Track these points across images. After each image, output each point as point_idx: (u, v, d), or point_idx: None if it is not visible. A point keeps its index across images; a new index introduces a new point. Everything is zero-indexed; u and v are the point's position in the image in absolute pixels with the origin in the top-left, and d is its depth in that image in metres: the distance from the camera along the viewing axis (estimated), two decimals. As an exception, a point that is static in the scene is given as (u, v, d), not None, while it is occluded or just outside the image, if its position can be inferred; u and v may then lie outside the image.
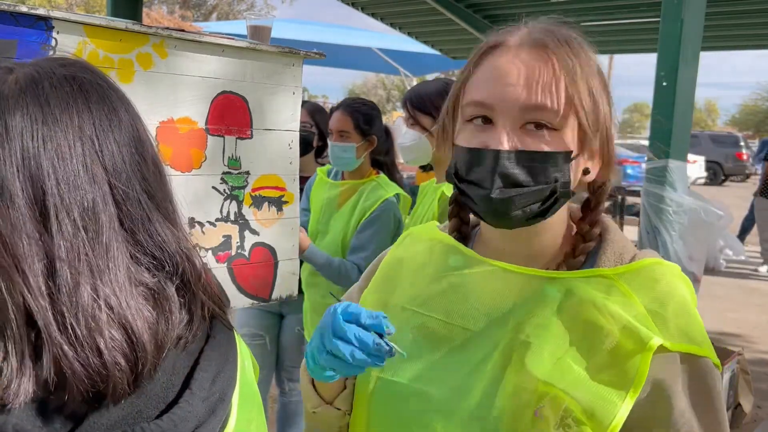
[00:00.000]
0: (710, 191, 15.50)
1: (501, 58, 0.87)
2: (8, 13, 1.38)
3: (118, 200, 0.66)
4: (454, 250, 0.99)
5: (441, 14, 5.60)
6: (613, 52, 8.82)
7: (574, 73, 0.85)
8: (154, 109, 1.63)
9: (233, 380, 0.73)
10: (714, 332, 5.09)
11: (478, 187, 0.87)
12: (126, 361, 0.62)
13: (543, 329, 0.86)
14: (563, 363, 0.84)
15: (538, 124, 0.85)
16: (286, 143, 1.92)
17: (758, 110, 45.23)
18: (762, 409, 3.90)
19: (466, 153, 0.89)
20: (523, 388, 0.84)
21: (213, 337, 0.72)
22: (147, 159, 0.70)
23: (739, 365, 3.25)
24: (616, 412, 0.80)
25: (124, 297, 0.63)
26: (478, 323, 0.91)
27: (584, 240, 0.95)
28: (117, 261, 0.64)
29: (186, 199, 1.72)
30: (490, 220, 0.90)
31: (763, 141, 11.88)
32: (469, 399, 0.87)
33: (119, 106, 0.70)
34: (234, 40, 1.76)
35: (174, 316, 0.66)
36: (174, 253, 0.69)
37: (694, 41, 2.51)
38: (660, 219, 2.52)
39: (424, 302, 0.97)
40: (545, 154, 0.85)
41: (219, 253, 1.80)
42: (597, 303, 0.86)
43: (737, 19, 5.18)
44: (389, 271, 1.04)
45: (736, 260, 7.61)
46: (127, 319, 0.62)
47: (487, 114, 0.87)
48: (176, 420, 0.64)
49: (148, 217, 0.68)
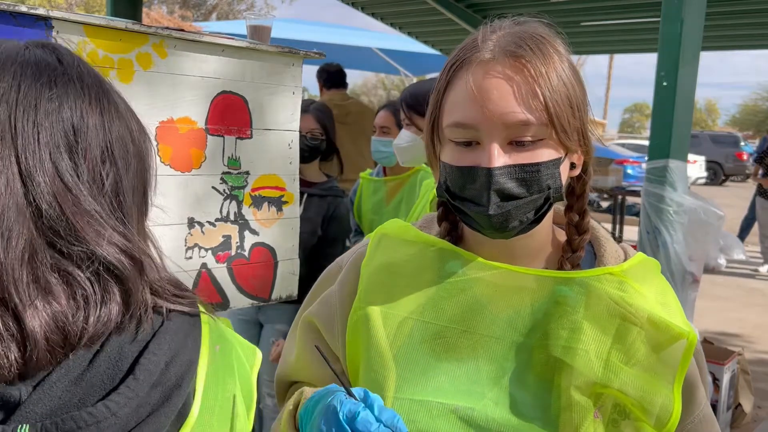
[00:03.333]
0: (710, 191, 15.50)
1: (475, 75, 0.85)
2: (8, 13, 1.38)
3: (26, 182, 0.63)
4: (452, 255, 0.95)
5: (441, 14, 5.60)
6: (613, 52, 8.82)
7: (549, 79, 0.84)
8: (153, 109, 1.63)
9: (192, 367, 0.70)
10: (714, 332, 5.09)
11: (473, 204, 0.86)
12: (14, 342, 0.59)
13: (579, 333, 0.87)
14: (611, 363, 0.86)
15: (524, 137, 0.85)
16: (286, 143, 1.92)
17: (758, 110, 45.20)
18: (762, 409, 3.90)
19: (456, 171, 0.88)
20: (580, 393, 0.85)
21: (165, 325, 0.69)
22: (82, 149, 0.66)
23: (739, 365, 3.24)
24: (671, 407, 0.85)
25: (14, 279, 0.60)
26: (500, 330, 0.90)
27: (578, 232, 0.96)
28: (11, 239, 0.61)
29: (186, 199, 1.72)
30: (490, 233, 0.89)
31: (765, 138, 11.84)
32: (519, 412, 0.86)
33: (63, 89, 0.67)
34: (234, 40, 1.76)
35: (96, 307, 0.64)
36: (94, 243, 0.65)
37: (694, 41, 2.51)
38: (660, 219, 2.52)
39: (435, 311, 0.92)
40: (536, 165, 0.85)
41: (219, 253, 1.80)
42: (617, 299, 0.87)
43: (737, 19, 5.18)
44: (379, 279, 0.96)
45: (736, 260, 7.61)
46: (17, 301, 0.60)
47: (471, 135, 0.86)
48: (112, 407, 0.61)
49: (62, 205, 0.64)
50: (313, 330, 1.04)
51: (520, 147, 0.85)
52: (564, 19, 1.27)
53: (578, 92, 0.88)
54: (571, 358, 0.85)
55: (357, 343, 0.95)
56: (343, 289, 1.00)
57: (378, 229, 1.02)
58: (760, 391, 3.94)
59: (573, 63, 0.90)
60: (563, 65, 0.87)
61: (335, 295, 1.01)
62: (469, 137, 0.86)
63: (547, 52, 0.86)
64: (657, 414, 0.85)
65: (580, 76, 0.90)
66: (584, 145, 0.91)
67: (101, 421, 0.61)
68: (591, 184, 0.98)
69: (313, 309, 1.04)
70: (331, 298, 1.02)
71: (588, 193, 0.97)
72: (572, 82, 0.87)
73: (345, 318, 0.97)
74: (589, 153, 0.93)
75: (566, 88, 0.86)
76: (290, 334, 1.11)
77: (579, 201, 0.97)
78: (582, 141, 0.90)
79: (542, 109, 0.83)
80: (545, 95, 0.83)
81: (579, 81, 0.89)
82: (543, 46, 0.86)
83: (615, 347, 0.86)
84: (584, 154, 0.93)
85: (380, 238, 1.01)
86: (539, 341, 0.88)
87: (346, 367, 0.98)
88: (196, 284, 1.75)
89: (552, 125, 0.84)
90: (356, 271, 0.99)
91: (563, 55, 0.88)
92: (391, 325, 0.92)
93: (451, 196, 0.90)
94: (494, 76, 0.84)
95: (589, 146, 0.92)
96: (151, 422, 0.64)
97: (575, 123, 0.87)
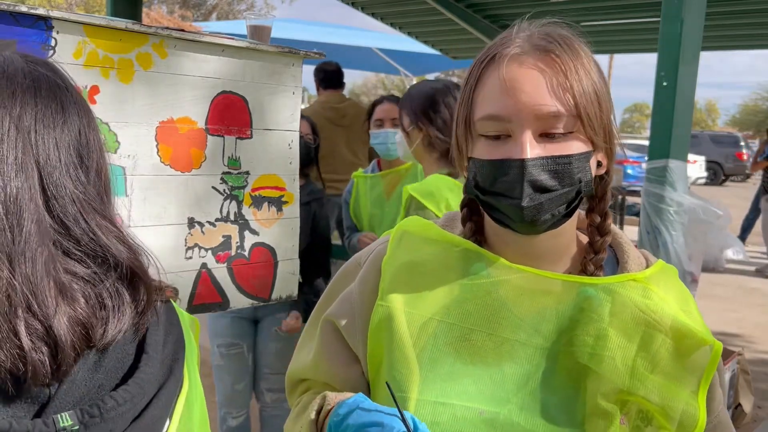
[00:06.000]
0: (710, 191, 15.49)
1: (508, 68, 0.86)
2: (8, 13, 1.38)
3: (49, 195, 0.67)
4: (477, 256, 0.94)
5: (441, 14, 5.59)
6: (613, 52, 8.83)
7: (579, 74, 0.86)
8: (153, 109, 1.63)
9: (182, 342, 0.78)
10: (715, 332, 5.06)
11: (506, 197, 0.87)
12: (47, 347, 0.63)
13: (605, 339, 0.87)
14: (637, 370, 0.86)
15: (555, 129, 0.85)
16: (286, 143, 1.92)
17: (758, 110, 45.18)
18: (762, 409, 3.90)
19: (488, 166, 0.88)
20: (606, 400, 0.85)
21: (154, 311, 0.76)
22: (88, 165, 0.71)
23: (739, 365, 3.24)
24: (696, 415, 0.86)
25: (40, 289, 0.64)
26: (525, 334, 0.90)
27: (600, 234, 0.96)
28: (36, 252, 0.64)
29: (186, 199, 1.72)
30: (521, 228, 0.89)
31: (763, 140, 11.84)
32: (545, 417, 0.86)
33: (71, 109, 0.71)
34: (234, 40, 1.76)
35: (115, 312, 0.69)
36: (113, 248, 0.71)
37: (694, 41, 2.51)
38: (660, 219, 2.51)
39: (460, 313, 0.91)
40: (568, 157, 0.86)
41: (219, 253, 1.80)
42: (641, 306, 0.88)
43: (737, 19, 5.17)
44: (402, 277, 0.95)
45: (736, 260, 7.60)
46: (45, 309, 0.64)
47: (503, 127, 0.87)
48: (141, 383, 0.68)
49: (82, 215, 0.69)
50: (334, 330, 1.02)
51: (551, 139, 0.86)
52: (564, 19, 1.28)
53: (604, 90, 0.90)
54: (597, 365, 0.86)
55: (379, 342, 0.94)
56: (363, 287, 0.99)
57: (399, 225, 1.02)
58: (760, 391, 3.94)
59: (598, 63, 0.91)
60: (590, 63, 0.88)
61: (355, 293, 1.00)
62: (501, 130, 0.87)
63: (575, 48, 0.88)
64: (680, 420, 0.86)
65: (605, 77, 0.92)
66: (609, 142, 0.92)
67: (135, 396, 0.67)
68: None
69: (333, 309, 1.03)
70: (350, 296, 1.00)
71: (609, 195, 0.98)
72: (599, 80, 0.89)
73: (366, 316, 0.96)
74: (612, 153, 0.94)
75: (594, 84, 0.87)
76: (306, 331, 1.10)
77: (601, 203, 0.97)
78: (607, 138, 0.91)
79: (572, 101, 0.85)
80: (574, 88, 0.85)
81: (604, 80, 0.91)
82: (571, 43, 0.88)
83: (640, 354, 0.87)
84: (608, 153, 0.93)
85: (401, 235, 1.00)
86: (565, 347, 0.88)
87: (366, 366, 0.97)
88: (196, 284, 1.76)
89: (580, 119, 0.85)
90: (377, 268, 0.98)
91: (589, 54, 0.90)
92: (414, 325, 0.92)
93: (481, 192, 0.90)
94: (526, 69, 0.85)
95: (612, 145, 0.92)
96: (162, 395, 0.71)
97: (602, 119, 0.88)
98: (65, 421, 0.63)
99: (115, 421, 0.66)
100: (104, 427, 0.65)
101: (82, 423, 0.64)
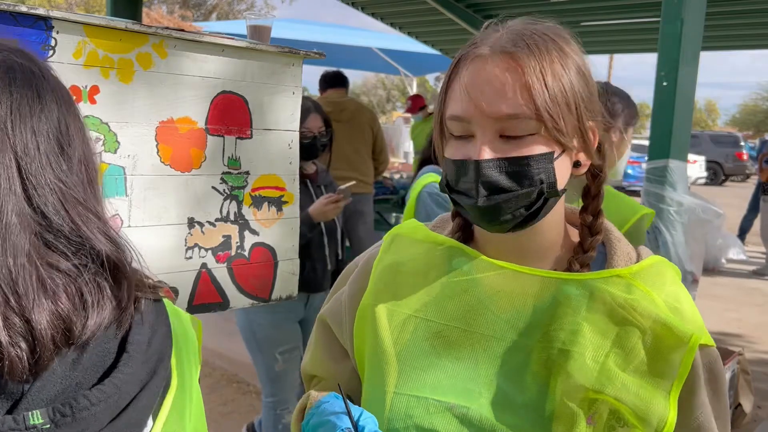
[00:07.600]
0: (710, 191, 15.50)
1: (471, 70, 0.87)
2: (8, 13, 1.38)
3: (27, 185, 0.65)
4: (459, 253, 0.96)
5: (441, 14, 5.60)
6: (613, 52, 8.82)
7: (542, 75, 0.84)
8: (153, 109, 1.63)
9: (168, 341, 0.76)
10: (714, 332, 5.07)
11: (466, 196, 0.88)
12: (26, 343, 0.62)
13: (577, 335, 0.86)
14: (607, 368, 0.84)
15: (514, 131, 0.85)
16: (286, 143, 1.92)
17: (758, 110, 45.20)
18: (762, 409, 3.90)
19: (452, 165, 0.90)
20: (572, 398, 0.84)
21: (139, 308, 0.74)
22: (70, 153, 0.70)
23: (739, 365, 3.24)
24: (666, 415, 0.83)
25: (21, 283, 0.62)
26: (500, 330, 0.90)
27: (591, 233, 0.95)
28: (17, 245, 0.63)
29: (186, 199, 1.72)
30: (483, 226, 0.91)
31: (762, 140, 11.84)
32: (513, 413, 0.86)
33: (48, 97, 0.69)
34: (234, 40, 1.76)
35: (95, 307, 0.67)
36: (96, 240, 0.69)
37: (694, 41, 2.51)
38: (660, 219, 2.51)
39: (438, 310, 0.93)
40: (526, 158, 0.85)
41: (219, 253, 1.80)
42: (621, 303, 0.87)
43: (737, 19, 5.18)
44: (387, 278, 0.99)
45: (736, 260, 7.61)
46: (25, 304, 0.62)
47: (465, 127, 0.88)
48: (118, 383, 0.66)
49: (63, 205, 0.67)
50: (326, 327, 1.09)
51: (509, 141, 0.86)
52: (564, 19, 1.28)
53: (579, 91, 0.87)
54: (564, 362, 0.85)
55: (363, 339, 0.98)
56: (353, 287, 1.03)
57: (393, 229, 1.06)
58: (760, 391, 3.94)
59: (581, 64, 0.89)
60: (564, 63, 0.86)
61: (345, 293, 1.05)
62: (465, 130, 0.88)
63: (546, 50, 0.86)
64: (654, 423, 0.83)
65: (588, 77, 0.90)
66: (584, 143, 0.90)
67: (110, 396, 0.65)
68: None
69: (326, 308, 1.10)
70: (341, 296, 1.06)
71: (603, 195, 0.97)
72: (572, 81, 0.86)
73: (353, 314, 1.00)
74: (590, 152, 0.92)
75: (561, 85, 0.85)
76: (314, 327, 1.16)
77: (594, 202, 0.97)
78: (584, 139, 0.89)
79: (531, 104, 0.84)
80: (535, 89, 0.83)
81: (584, 81, 0.88)
82: (542, 44, 0.86)
83: (614, 351, 0.85)
84: (586, 153, 0.92)
85: (393, 238, 1.04)
86: (539, 342, 0.88)
87: (355, 361, 1.01)
88: (196, 284, 1.76)
89: (542, 120, 0.84)
90: (368, 270, 1.02)
91: (568, 55, 0.87)
92: (395, 322, 0.94)
93: (450, 190, 0.91)
94: (489, 70, 0.85)
95: (589, 145, 0.91)
96: (143, 396, 0.69)
97: (572, 121, 0.87)
98: (36, 419, 0.61)
99: (87, 421, 0.64)
100: (76, 427, 0.63)
101: (53, 421, 0.62)
